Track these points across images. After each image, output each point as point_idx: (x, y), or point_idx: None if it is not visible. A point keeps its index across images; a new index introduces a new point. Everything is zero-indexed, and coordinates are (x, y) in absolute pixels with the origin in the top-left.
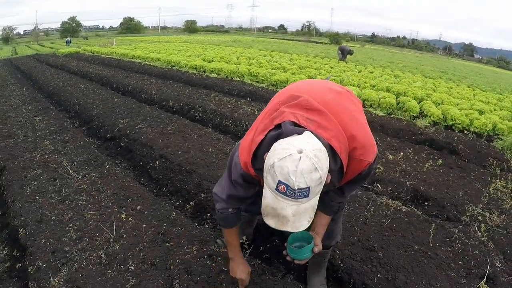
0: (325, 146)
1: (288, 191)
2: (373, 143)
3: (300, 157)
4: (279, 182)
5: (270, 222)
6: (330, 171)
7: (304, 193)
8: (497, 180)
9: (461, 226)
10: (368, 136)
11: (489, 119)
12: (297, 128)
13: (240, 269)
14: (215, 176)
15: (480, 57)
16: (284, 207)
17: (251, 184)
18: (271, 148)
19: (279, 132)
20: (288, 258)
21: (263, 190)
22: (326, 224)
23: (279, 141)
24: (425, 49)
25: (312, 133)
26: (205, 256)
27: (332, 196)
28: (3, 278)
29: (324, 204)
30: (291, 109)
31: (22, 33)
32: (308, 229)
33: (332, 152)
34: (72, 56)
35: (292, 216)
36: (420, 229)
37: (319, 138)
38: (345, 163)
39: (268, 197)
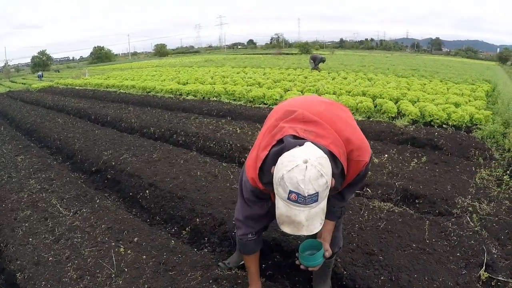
0: (325, 153)
1: (299, 198)
2: (367, 143)
3: (306, 167)
4: (290, 192)
5: (286, 229)
6: (333, 175)
7: (314, 198)
8: (482, 170)
9: (453, 219)
10: (362, 137)
11: (466, 110)
12: (298, 141)
13: None
14: (208, 200)
15: (448, 50)
16: (297, 213)
17: (262, 199)
18: (278, 161)
19: (282, 146)
20: (302, 267)
21: (276, 201)
22: (331, 230)
23: (284, 154)
24: (393, 49)
25: (312, 143)
26: (210, 281)
27: (333, 202)
28: None
29: (327, 211)
30: (289, 123)
31: None
32: (314, 236)
33: (332, 157)
34: (46, 91)
35: (306, 220)
36: (415, 227)
37: (319, 147)
38: (345, 166)
39: (281, 207)
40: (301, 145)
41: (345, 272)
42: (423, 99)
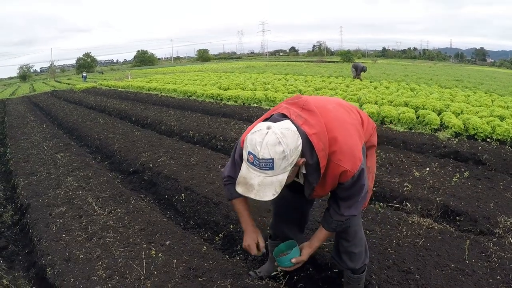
0: (304, 139)
1: (255, 160)
2: (356, 154)
3: (267, 132)
4: (249, 153)
5: (239, 188)
6: (307, 165)
7: (268, 164)
8: None
9: (495, 239)
10: (352, 145)
11: (511, 124)
12: (281, 118)
13: (248, 237)
14: None
15: (493, 61)
16: (253, 177)
17: None
18: None
19: (269, 120)
20: (277, 266)
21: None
22: (323, 239)
23: (260, 122)
24: (437, 58)
25: (295, 125)
26: None
27: (331, 213)
28: None
29: (324, 219)
30: (289, 105)
31: (38, 70)
32: (304, 240)
33: (310, 147)
34: (89, 91)
35: (258, 185)
36: (454, 246)
37: (301, 131)
38: (322, 163)
39: (243, 169)
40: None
41: None
42: (467, 111)
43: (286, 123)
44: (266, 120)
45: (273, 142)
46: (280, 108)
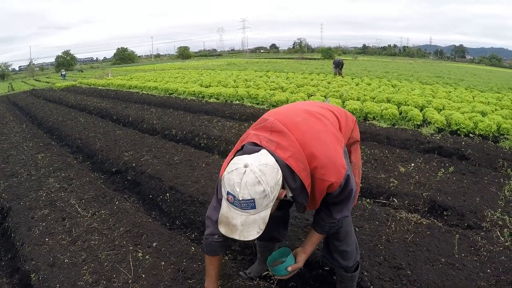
0: (282, 166)
1: (235, 201)
2: (338, 162)
3: (245, 171)
4: (228, 193)
5: (222, 229)
6: (291, 189)
7: (250, 204)
8: (511, 182)
9: (483, 233)
10: (331, 156)
11: (493, 120)
12: (255, 148)
13: None
14: None
15: (472, 58)
16: (235, 216)
17: None
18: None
19: (241, 152)
20: (273, 276)
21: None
22: (316, 242)
23: (235, 158)
24: (416, 55)
25: (270, 152)
26: None
27: (322, 216)
28: None
29: (316, 222)
30: (256, 131)
31: (17, 69)
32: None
33: (290, 171)
34: (69, 90)
35: (241, 225)
36: (443, 241)
37: (277, 158)
38: (306, 182)
39: (224, 207)
40: (256, 152)
41: (371, 287)
42: (449, 107)
43: (263, 155)
44: (237, 152)
45: (252, 182)
46: (249, 137)
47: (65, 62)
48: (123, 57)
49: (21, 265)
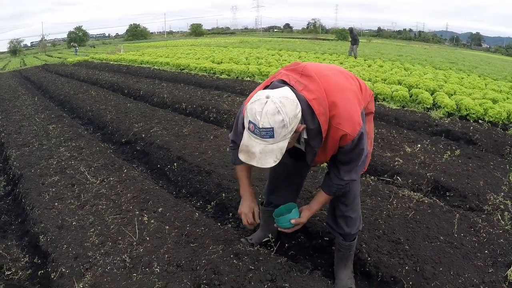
0: (304, 105)
1: (255, 129)
2: (355, 119)
3: (267, 101)
4: (249, 122)
5: (241, 156)
6: (308, 130)
7: (269, 133)
8: None
9: (484, 216)
10: (350, 110)
11: (503, 107)
12: (280, 84)
13: (244, 205)
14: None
15: (488, 46)
16: (254, 145)
17: None
18: None
19: (269, 87)
20: (275, 225)
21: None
22: (322, 202)
23: (259, 90)
24: (432, 41)
25: (294, 90)
26: (231, 256)
27: (331, 177)
28: (25, 286)
29: (325, 183)
30: (288, 71)
31: (29, 44)
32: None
33: (311, 112)
34: (80, 65)
35: (259, 153)
36: (444, 220)
37: (301, 97)
38: (324, 127)
39: (245, 137)
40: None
41: (369, 259)
42: (460, 93)
43: (285, 90)
44: (266, 87)
45: (272, 111)
46: (279, 75)
47: (78, 38)
48: (136, 33)
49: (30, 227)
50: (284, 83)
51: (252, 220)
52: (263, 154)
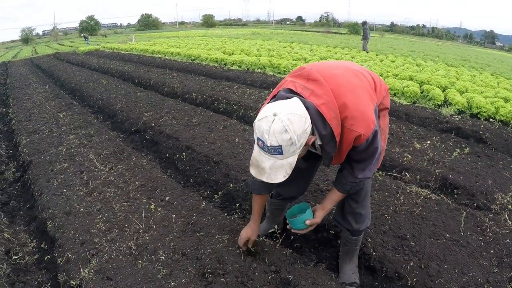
0: (314, 112)
1: (264, 147)
2: (369, 117)
3: (274, 120)
4: (258, 139)
5: (252, 171)
6: (321, 136)
7: (277, 150)
8: None
9: (491, 215)
10: (363, 109)
11: None
12: (288, 94)
13: (247, 230)
14: (243, 166)
15: (502, 45)
16: (264, 160)
17: None
18: None
19: (276, 98)
20: (287, 226)
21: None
22: (336, 200)
23: (267, 104)
24: (445, 38)
25: (302, 99)
26: (237, 246)
27: (345, 174)
28: (32, 270)
29: (338, 181)
30: (293, 78)
31: (41, 33)
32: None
33: (321, 118)
34: (92, 54)
35: (269, 169)
36: (450, 218)
37: (309, 104)
38: (336, 131)
39: (255, 151)
40: (289, 98)
41: (374, 253)
42: (472, 90)
43: (293, 104)
44: (273, 97)
45: (279, 130)
46: (285, 83)
47: (89, 27)
48: (147, 23)
49: (38, 213)
50: (291, 91)
51: (241, 245)
52: (273, 169)
